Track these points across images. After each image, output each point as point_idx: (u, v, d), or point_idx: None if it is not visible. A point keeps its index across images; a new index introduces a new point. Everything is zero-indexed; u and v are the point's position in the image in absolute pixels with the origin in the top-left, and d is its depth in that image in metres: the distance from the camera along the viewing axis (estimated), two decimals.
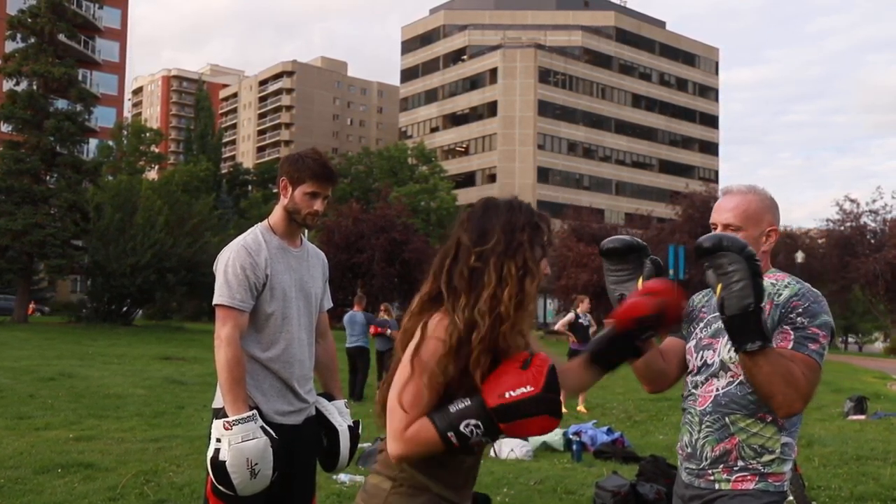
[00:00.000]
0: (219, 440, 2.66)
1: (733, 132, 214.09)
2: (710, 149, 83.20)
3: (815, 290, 2.22)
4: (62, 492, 5.54)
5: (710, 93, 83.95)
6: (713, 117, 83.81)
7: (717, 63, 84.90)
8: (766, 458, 2.16)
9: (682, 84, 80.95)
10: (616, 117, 75.24)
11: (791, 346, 2.10)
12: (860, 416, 11.26)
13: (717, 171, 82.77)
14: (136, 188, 35.24)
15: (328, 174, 2.92)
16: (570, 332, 11.64)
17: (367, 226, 38.42)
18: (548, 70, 70.97)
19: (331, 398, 3.13)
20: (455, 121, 75.02)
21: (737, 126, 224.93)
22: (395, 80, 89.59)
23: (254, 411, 2.72)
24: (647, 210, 56.13)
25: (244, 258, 2.82)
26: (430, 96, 77.61)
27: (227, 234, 35.69)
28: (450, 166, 69.37)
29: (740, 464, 2.17)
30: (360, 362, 12.58)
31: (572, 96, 72.38)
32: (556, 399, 1.80)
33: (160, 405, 10.63)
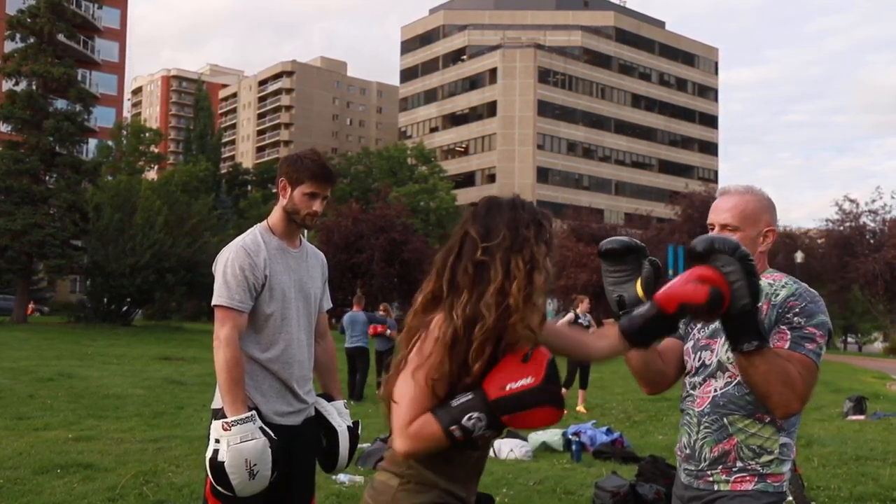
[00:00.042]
0: (217, 441, 2.66)
1: (733, 132, 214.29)
2: (710, 149, 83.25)
3: (812, 290, 2.22)
4: (61, 492, 5.53)
5: (709, 93, 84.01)
6: (713, 117, 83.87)
7: (716, 63, 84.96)
8: (764, 458, 2.16)
9: (681, 84, 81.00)
10: (615, 117, 75.27)
11: (788, 346, 2.10)
12: (859, 417, 11.26)
13: (716, 171, 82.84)
14: (135, 188, 35.21)
15: (327, 175, 2.92)
16: None
17: (367, 226, 38.44)
18: (547, 70, 71.00)
19: (330, 399, 3.13)
20: (454, 121, 75.05)
21: (736, 126, 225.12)
22: (394, 80, 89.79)
23: (253, 412, 2.72)
24: (647, 210, 56.17)
25: (243, 259, 2.82)
26: (430, 96, 77.64)
27: (226, 234, 35.70)
28: (449, 166, 69.40)
29: (739, 464, 2.17)
30: (359, 363, 12.59)
31: (572, 96, 72.41)
32: (556, 390, 1.80)
33: (159, 405, 10.62)
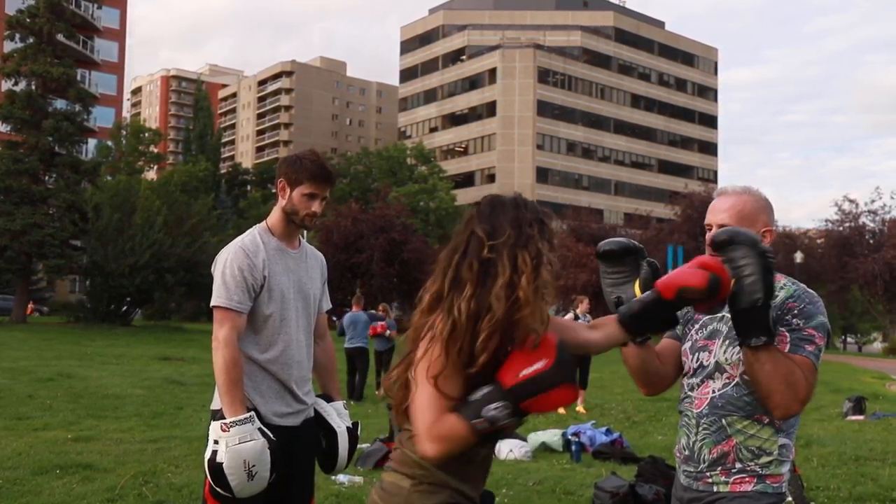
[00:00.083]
0: (216, 442, 2.65)
1: (732, 132, 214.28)
2: (709, 149, 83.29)
3: (811, 291, 2.22)
4: (61, 493, 5.53)
5: (708, 93, 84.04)
6: (712, 117, 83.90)
7: (715, 63, 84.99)
8: (763, 459, 2.15)
9: (680, 84, 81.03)
10: (615, 117, 75.30)
11: (787, 348, 2.10)
12: (859, 417, 11.26)
13: (715, 172, 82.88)
14: (134, 188, 35.21)
15: (326, 175, 2.91)
16: None
17: (366, 226, 38.44)
18: (547, 70, 71.02)
19: (329, 399, 3.13)
20: (454, 121, 75.07)
21: (735, 126, 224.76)
22: (394, 80, 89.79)
23: (251, 413, 2.72)
24: (646, 210, 56.20)
25: (242, 260, 2.82)
26: (430, 96, 77.66)
27: (225, 234, 35.69)
28: (449, 166, 69.41)
29: (738, 466, 2.16)
30: (359, 363, 12.58)
31: (571, 96, 72.43)
32: (570, 370, 1.81)
33: (159, 406, 10.62)
